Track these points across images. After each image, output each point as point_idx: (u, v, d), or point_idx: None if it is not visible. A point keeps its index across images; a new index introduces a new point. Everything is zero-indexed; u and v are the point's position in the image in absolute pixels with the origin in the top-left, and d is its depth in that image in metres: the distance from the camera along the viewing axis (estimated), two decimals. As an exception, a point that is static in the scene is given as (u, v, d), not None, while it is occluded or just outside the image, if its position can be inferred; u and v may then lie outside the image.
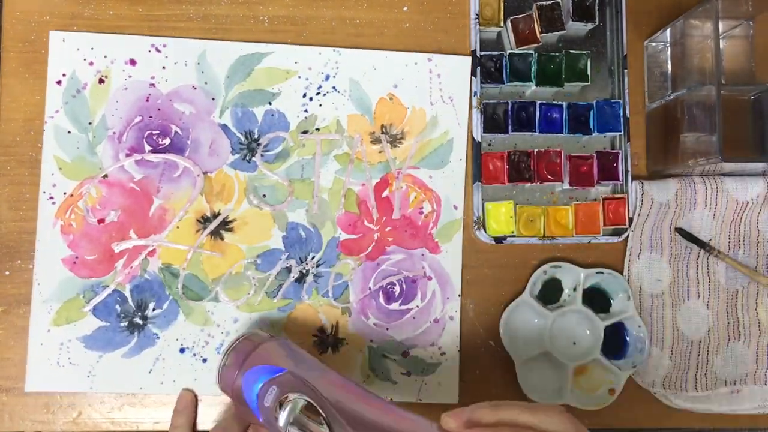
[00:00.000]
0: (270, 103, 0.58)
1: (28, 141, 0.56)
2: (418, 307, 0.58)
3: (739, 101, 0.58)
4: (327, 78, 0.58)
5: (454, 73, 0.59)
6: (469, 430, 0.39)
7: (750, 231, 0.60)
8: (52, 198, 0.56)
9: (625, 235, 0.59)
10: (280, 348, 0.49)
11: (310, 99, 0.58)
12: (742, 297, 0.60)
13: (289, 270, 0.57)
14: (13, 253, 0.56)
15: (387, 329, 0.58)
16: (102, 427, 0.56)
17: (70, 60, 0.56)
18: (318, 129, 0.58)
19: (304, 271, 0.57)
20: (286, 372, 0.46)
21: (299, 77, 0.58)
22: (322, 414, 0.42)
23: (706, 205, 0.58)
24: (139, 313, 0.56)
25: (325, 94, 0.58)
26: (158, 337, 0.56)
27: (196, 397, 0.56)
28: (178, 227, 0.57)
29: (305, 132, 0.58)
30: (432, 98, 0.59)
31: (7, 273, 0.55)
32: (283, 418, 0.43)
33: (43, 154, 0.56)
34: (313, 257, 0.57)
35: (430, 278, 0.58)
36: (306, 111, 0.58)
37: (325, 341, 0.57)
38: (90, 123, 0.56)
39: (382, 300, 0.58)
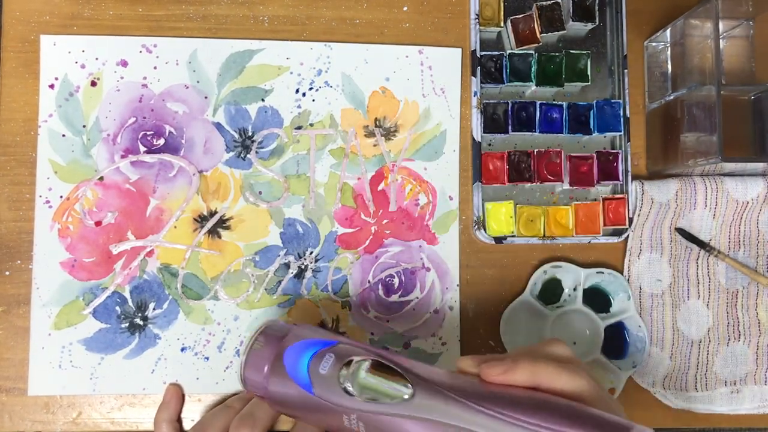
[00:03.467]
0: (263, 100, 0.58)
1: (28, 141, 0.56)
2: (417, 298, 0.58)
3: (739, 101, 0.58)
4: (319, 73, 0.58)
5: (445, 65, 0.59)
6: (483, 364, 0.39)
7: (750, 231, 0.60)
8: (48, 202, 0.56)
9: (625, 235, 0.59)
10: (313, 328, 0.48)
11: (303, 94, 0.58)
12: (742, 297, 0.60)
13: (287, 266, 0.57)
14: (13, 253, 0.56)
15: (387, 321, 0.58)
16: (102, 427, 0.56)
17: (62, 63, 0.56)
18: (312, 124, 0.58)
19: (303, 267, 0.57)
20: (338, 343, 0.44)
21: (291, 73, 0.58)
22: (398, 369, 0.41)
23: (706, 205, 0.58)
24: (140, 314, 0.56)
25: (317, 89, 0.58)
26: (159, 338, 0.56)
27: (182, 392, 0.56)
28: (175, 227, 0.57)
29: (299, 128, 0.58)
30: (424, 90, 0.59)
31: (7, 273, 0.55)
32: (353, 378, 0.41)
33: (38, 158, 0.56)
34: (312, 252, 0.58)
35: (428, 269, 0.58)
36: (299, 107, 0.58)
37: (326, 336, 0.57)
38: (84, 126, 0.56)
39: (381, 293, 0.58)
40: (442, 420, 0.38)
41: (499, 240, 0.58)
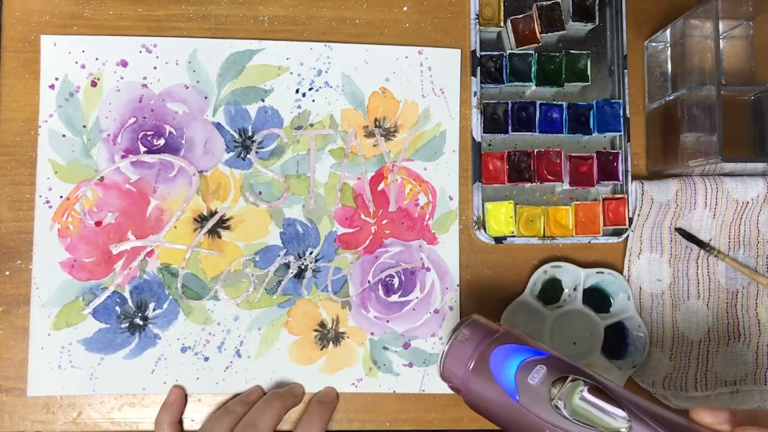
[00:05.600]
0: (263, 100, 0.58)
1: (28, 141, 0.56)
2: (417, 298, 0.58)
3: (739, 101, 0.58)
4: (319, 73, 0.58)
5: (445, 66, 0.59)
6: (740, 428, 0.36)
7: (750, 231, 0.60)
8: (48, 202, 0.56)
9: (625, 235, 0.59)
10: (520, 333, 0.46)
11: (303, 95, 0.58)
12: (742, 297, 0.60)
13: (287, 266, 0.57)
14: (13, 253, 0.56)
15: (387, 321, 0.58)
16: (102, 427, 0.56)
17: (62, 63, 0.56)
18: (312, 124, 0.58)
19: (303, 267, 0.57)
20: (550, 355, 0.43)
21: (291, 73, 0.58)
22: (612, 396, 0.40)
23: (706, 205, 0.58)
24: (140, 314, 0.56)
25: (317, 90, 0.58)
26: (159, 338, 0.56)
27: (185, 394, 0.56)
28: (175, 227, 0.57)
29: (299, 128, 0.58)
30: (424, 91, 0.59)
31: (7, 273, 0.55)
32: (565, 398, 0.40)
33: (39, 158, 0.56)
34: (312, 252, 0.58)
35: (428, 269, 0.58)
36: (299, 107, 0.58)
37: (326, 335, 0.57)
38: (84, 126, 0.56)
39: (381, 293, 0.58)
40: None
41: (499, 240, 0.58)
